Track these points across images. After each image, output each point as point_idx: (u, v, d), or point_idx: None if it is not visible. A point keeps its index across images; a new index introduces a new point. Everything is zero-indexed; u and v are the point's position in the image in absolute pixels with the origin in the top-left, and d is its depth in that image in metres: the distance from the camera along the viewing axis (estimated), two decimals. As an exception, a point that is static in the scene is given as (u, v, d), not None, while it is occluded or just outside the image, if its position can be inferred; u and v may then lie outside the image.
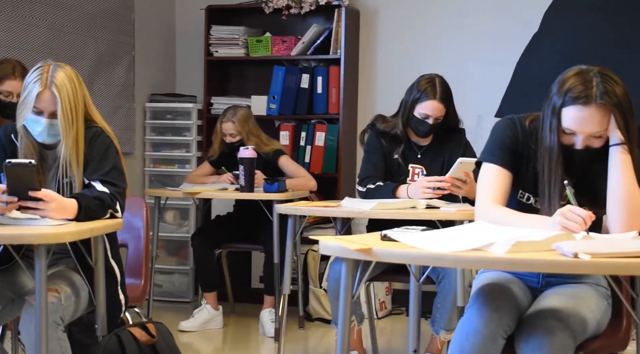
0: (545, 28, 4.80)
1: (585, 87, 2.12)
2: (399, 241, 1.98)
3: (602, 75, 2.13)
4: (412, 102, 3.42)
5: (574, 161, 2.19)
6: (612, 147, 2.16)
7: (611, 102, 2.11)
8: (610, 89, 2.11)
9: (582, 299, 2.18)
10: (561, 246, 1.80)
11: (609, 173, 2.16)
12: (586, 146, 2.17)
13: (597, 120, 2.12)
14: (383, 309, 4.76)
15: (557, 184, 2.17)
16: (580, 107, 2.12)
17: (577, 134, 2.16)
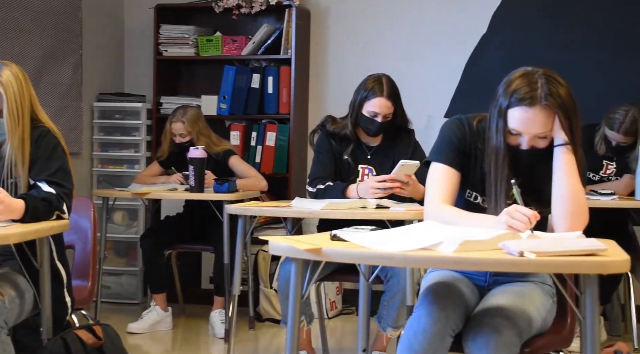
0: (494, 29, 4.87)
1: (531, 89, 2.15)
2: (348, 240, 1.99)
3: (546, 77, 2.17)
4: (360, 101, 3.45)
5: (520, 161, 2.23)
6: (556, 147, 2.19)
7: (555, 104, 2.14)
8: (555, 90, 2.15)
9: (528, 297, 2.21)
10: (507, 245, 1.83)
11: (553, 173, 2.19)
12: (531, 147, 2.20)
13: (541, 121, 2.15)
14: (333, 309, 4.77)
15: (504, 184, 2.20)
16: (526, 108, 2.15)
17: (522, 134, 2.19)
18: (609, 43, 4.70)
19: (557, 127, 2.17)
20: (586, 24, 4.73)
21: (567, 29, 4.77)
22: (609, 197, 3.83)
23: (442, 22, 4.96)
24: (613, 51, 4.69)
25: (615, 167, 4.19)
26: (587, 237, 1.98)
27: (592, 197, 3.83)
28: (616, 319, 4.33)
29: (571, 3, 4.77)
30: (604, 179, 4.20)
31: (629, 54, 4.67)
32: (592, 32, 4.73)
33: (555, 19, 4.79)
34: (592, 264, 1.73)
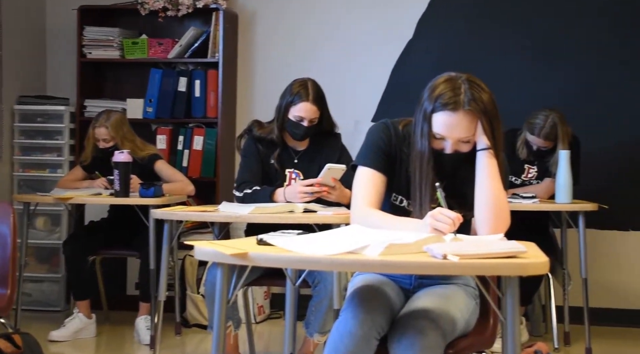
0: (420, 35, 4.94)
1: (454, 94, 2.19)
2: (275, 245, 1.99)
3: (470, 82, 2.21)
4: (286, 106, 3.46)
5: (444, 165, 2.26)
6: (478, 152, 2.24)
7: (478, 108, 2.18)
8: (478, 95, 2.19)
9: (451, 299, 2.24)
10: (431, 248, 1.85)
11: (476, 177, 2.23)
12: (455, 151, 2.24)
13: (465, 125, 2.19)
14: (261, 314, 4.76)
15: (428, 187, 2.23)
16: (449, 113, 2.18)
17: (446, 139, 2.23)
18: (529, 49, 4.82)
19: (480, 131, 2.21)
20: (508, 30, 4.85)
21: (490, 35, 4.87)
22: (530, 201, 3.92)
23: (369, 27, 5.00)
24: (534, 57, 4.82)
25: (537, 171, 4.29)
26: (509, 240, 2.02)
27: (514, 200, 3.92)
28: (537, 319, 4.43)
29: (493, 11, 4.88)
30: (525, 182, 4.30)
31: (549, 60, 4.80)
32: (513, 38, 4.84)
33: (478, 25, 4.89)
34: (512, 266, 1.76)
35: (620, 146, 4.72)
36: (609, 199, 4.23)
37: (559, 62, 4.79)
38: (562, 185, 3.92)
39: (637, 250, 4.70)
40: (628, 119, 4.71)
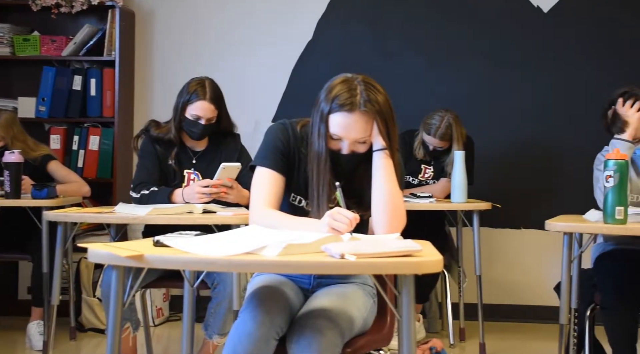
0: (319, 36, 4.97)
1: (350, 95, 2.21)
2: (172, 246, 1.96)
3: (365, 84, 2.24)
4: (183, 105, 3.41)
5: (341, 165, 2.28)
6: (375, 152, 2.27)
7: (374, 110, 2.21)
8: (373, 97, 2.22)
9: (349, 298, 2.27)
10: (329, 248, 1.86)
11: (372, 178, 2.26)
12: (352, 151, 2.26)
13: (361, 126, 2.22)
14: (160, 316, 4.69)
15: (326, 187, 2.25)
16: (346, 113, 2.21)
17: (343, 139, 2.25)
18: (425, 51, 4.93)
19: (376, 132, 2.24)
20: (405, 33, 4.94)
21: (388, 37, 4.95)
22: (426, 200, 3.99)
23: (269, 27, 5.00)
24: (430, 59, 4.92)
25: (433, 171, 4.38)
26: (406, 239, 2.06)
27: (411, 200, 3.99)
28: (434, 316, 4.53)
29: (390, 13, 4.96)
30: (422, 182, 4.38)
31: (444, 62, 4.92)
32: (410, 40, 4.93)
33: (376, 27, 4.96)
34: (407, 264, 1.79)
35: (512, 146, 4.88)
36: (502, 199, 4.36)
37: (454, 64, 4.91)
38: (457, 185, 4.01)
39: (529, 247, 4.87)
40: (519, 120, 4.87)
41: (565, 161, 4.79)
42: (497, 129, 4.87)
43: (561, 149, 4.81)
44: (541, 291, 4.73)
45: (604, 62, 4.77)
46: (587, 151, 3.44)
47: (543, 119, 4.84)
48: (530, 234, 4.85)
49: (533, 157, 4.86)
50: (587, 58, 4.80)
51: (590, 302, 3.11)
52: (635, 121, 3.15)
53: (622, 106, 3.19)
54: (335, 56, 4.92)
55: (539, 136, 4.85)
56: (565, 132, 4.79)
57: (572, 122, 4.77)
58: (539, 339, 4.44)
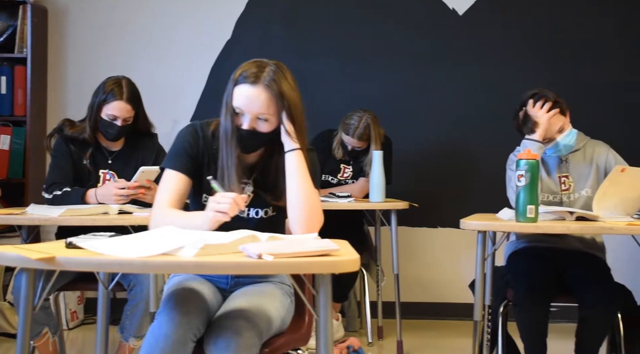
0: (238, 36, 4.95)
1: (258, 71, 2.24)
2: (85, 248, 1.92)
3: (277, 67, 2.26)
4: (99, 104, 3.34)
5: (244, 143, 2.27)
6: (287, 154, 2.27)
7: (278, 91, 2.22)
8: (279, 80, 2.23)
9: (267, 298, 2.26)
10: (247, 248, 1.86)
11: (287, 179, 2.27)
12: (252, 128, 2.25)
13: (261, 101, 2.22)
14: (75, 319, 4.58)
15: (234, 161, 2.27)
16: (249, 86, 2.23)
17: (244, 113, 2.25)
18: (344, 52, 4.96)
19: (284, 132, 2.26)
20: (324, 33, 4.96)
21: (307, 37, 4.97)
22: (345, 200, 4.02)
23: (188, 26, 4.95)
24: (348, 60, 4.96)
25: (352, 170, 4.42)
26: (325, 238, 2.06)
27: (330, 199, 4.02)
28: (353, 315, 4.57)
29: (309, 13, 4.98)
30: (341, 182, 4.41)
31: (363, 62, 4.97)
32: (329, 41, 4.96)
33: (295, 27, 4.97)
34: (324, 264, 1.80)
35: (429, 146, 4.96)
36: (419, 198, 4.43)
37: (373, 64, 4.96)
38: (375, 184, 4.05)
39: (445, 246, 4.96)
40: (436, 121, 4.95)
41: (480, 161, 4.89)
42: (414, 129, 4.94)
43: (477, 149, 4.91)
44: (457, 289, 4.82)
45: (518, 63, 4.89)
46: (501, 151, 3.52)
47: (459, 120, 4.94)
48: (446, 233, 4.94)
49: (449, 157, 4.96)
50: (500, 60, 4.92)
51: (503, 298, 3.19)
52: (545, 122, 3.24)
53: (532, 107, 3.28)
54: (254, 56, 4.79)
55: (456, 136, 4.95)
56: (480, 132, 4.90)
57: (486, 123, 4.88)
58: (455, 335, 4.52)
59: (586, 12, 4.87)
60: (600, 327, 3.04)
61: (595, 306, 3.00)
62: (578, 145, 3.33)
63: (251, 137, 2.26)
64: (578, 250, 3.27)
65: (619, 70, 4.84)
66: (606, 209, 3.00)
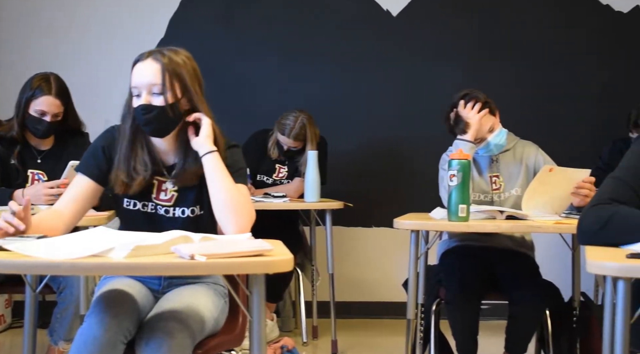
0: (171, 34, 4.90)
1: (150, 51, 2.28)
2: (12, 250, 1.87)
3: (175, 48, 2.30)
4: (27, 101, 3.27)
5: (146, 123, 2.25)
6: (203, 158, 2.26)
7: (168, 61, 2.23)
8: (170, 53, 2.26)
9: (200, 299, 2.25)
10: (179, 249, 1.84)
11: (207, 182, 2.25)
12: (148, 102, 2.23)
13: (150, 71, 2.23)
14: (2, 323, 4.47)
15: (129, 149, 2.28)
16: (140, 63, 2.26)
17: (140, 91, 2.24)
18: (281, 52, 4.96)
19: (193, 136, 2.25)
20: (261, 32, 4.95)
21: (242, 37, 4.94)
22: (280, 200, 4.02)
23: (120, 24, 4.88)
24: (285, 60, 4.96)
25: (287, 170, 4.41)
26: (258, 238, 2.06)
27: (265, 200, 4.01)
28: (288, 315, 4.57)
29: (243, 12, 4.96)
30: (276, 182, 4.41)
31: (299, 62, 4.97)
32: (265, 40, 4.95)
33: (230, 27, 4.95)
34: (258, 264, 1.79)
35: (364, 146, 4.99)
36: (354, 198, 4.45)
37: (309, 64, 4.97)
38: (310, 184, 4.05)
39: (379, 245, 4.99)
40: (372, 121, 4.99)
41: (413, 161, 4.94)
42: (350, 129, 4.97)
43: (410, 149, 4.96)
44: (391, 288, 4.86)
45: (451, 64, 4.96)
46: (434, 151, 3.56)
47: (393, 120, 4.98)
48: (381, 232, 4.97)
49: (384, 158, 4.99)
50: (433, 60, 4.98)
51: (435, 297, 3.23)
52: (476, 122, 3.30)
53: (463, 108, 3.33)
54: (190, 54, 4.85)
55: (390, 136, 4.99)
56: (414, 132, 4.95)
57: (420, 123, 4.93)
58: (389, 334, 4.56)
59: (518, 13, 4.97)
60: (529, 324, 3.11)
61: (524, 304, 3.07)
62: (508, 145, 3.39)
63: (146, 111, 2.22)
64: (508, 249, 3.34)
65: (549, 70, 4.95)
66: (535, 208, 3.07)
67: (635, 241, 1.92)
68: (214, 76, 4.52)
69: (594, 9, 4.94)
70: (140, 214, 2.30)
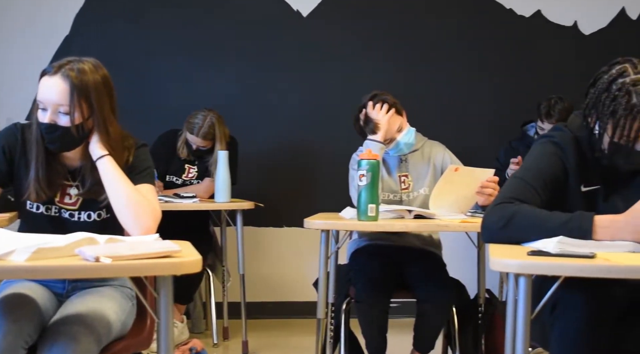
0: (77, 32, 4.79)
1: (63, 64, 2.19)
2: None
3: (85, 61, 2.22)
4: None
5: (49, 140, 2.21)
6: (97, 162, 2.23)
7: (77, 81, 2.16)
8: (81, 70, 2.18)
9: (106, 302, 2.20)
10: (83, 251, 1.80)
11: (105, 187, 2.22)
12: (52, 121, 2.18)
13: (59, 90, 2.17)
14: None
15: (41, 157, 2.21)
16: (47, 77, 2.19)
17: (46, 106, 2.19)
18: (190, 51, 4.91)
19: (92, 141, 2.21)
20: (169, 32, 4.89)
21: (151, 36, 4.87)
22: (190, 200, 3.97)
23: (24, 21, 4.74)
24: (194, 59, 4.91)
25: (197, 170, 4.37)
26: (167, 240, 2.03)
27: (175, 200, 3.95)
28: (198, 317, 4.52)
29: (154, 11, 4.89)
30: (186, 182, 4.35)
31: (209, 62, 4.93)
32: (174, 40, 4.89)
33: (138, 25, 4.87)
34: (165, 265, 1.77)
35: (274, 147, 4.99)
36: (265, 198, 4.45)
37: (219, 64, 4.94)
38: (220, 185, 4.02)
39: (291, 245, 5.00)
40: (283, 121, 4.99)
41: (324, 160, 4.97)
42: (260, 129, 4.96)
43: (321, 149, 4.99)
44: (302, 287, 4.88)
45: (360, 65, 5.01)
46: (345, 151, 3.59)
47: (304, 120, 5.00)
48: (292, 232, 4.98)
49: (295, 157, 5.01)
50: (343, 61, 5.01)
51: (346, 296, 3.26)
52: (385, 123, 3.34)
53: (372, 109, 3.37)
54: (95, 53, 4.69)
55: (301, 136, 5.00)
56: (325, 132, 4.98)
57: (330, 123, 4.97)
58: (300, 334, 4.57)
59: (424, 16, 5.06)
60: (436, 321, 3.17)
61: (432, 301, 3.13)
62: (417, 145, 3.45)
63: (50, 131, 2.18)
64: (416, 247, 3.39)
65: (455, 72, 5.05)
66: (442, 207, 3.13)
67: (535, 238, 1.98)
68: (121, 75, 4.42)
69: (498, 13, 5.08)
70: (44, 217, 2.25)
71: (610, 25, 5.10)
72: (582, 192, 2.15)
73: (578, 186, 2.16)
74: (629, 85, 2.01)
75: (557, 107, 4.33)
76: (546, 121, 4.34)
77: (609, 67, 2.09)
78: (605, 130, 2.06)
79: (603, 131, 2.07)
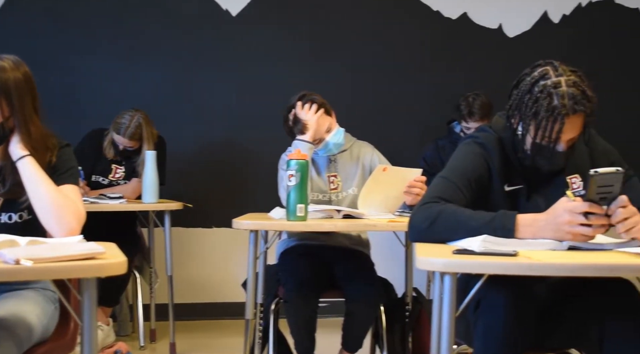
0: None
1: None
2: None
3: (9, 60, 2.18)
4: None
5: None
6: (17, 162, 2.18)
7: None
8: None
9: (27, 305, 2.15)
10: (3, 254, 1.75)
11: (26, 188, 2.18)
12: None
13: None
14: None
15: None
16: None
17: None
18: (118, 50, 4.83)
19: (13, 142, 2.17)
20: (95, 30, 4.81)
21: (76, 34, 4.78)
22: (117, 201, 3.91)
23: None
24: (121, 58, 4.83)
25: (124, 171, 4.30)
26: (93, 241, 1.99)
27: (101, 201, 3.89)
28: (125, 319, 4.45)
29: (78, 9, 4.80)
30: (113, 182, 4.28)
31: (137, 61, 4.86)
32: (101, 38, 4.81)
33: (62, 24, 4.77)
34: (88, 267, 1.74)
35: (203, 147, 4.95)
36: (194, 198, 4.41)
37: (147, 63, 4.87)
38: (148, 185, 3.97)
39: (220, 246, 4.97)
40: (212, 121, 4.96)
41: (253, 161, 4.96)
42: (189, 129, 4.91)
43: (250, 149, 4.97)
44: (230, 288, 4.85)
45: (289, 65, 5.01)
46: (274, 152, 3.59)
47: (233, 120, 4.98)
48: (221, 233, 4.96)
49: (224, 158, 4.98)
50: (272, 62, 5.01)
51: (275, 296, 3.25)
52: (314, 123, 3.35)
53: (301, 109, 3.38)
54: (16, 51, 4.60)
55: (229, 136, 4.98)
56: (254, 133, 4.96)
57: (259, 123, 4.95)
58: (229, 335, 4.55)
59: (352, 18, 5.09)
60: (364, 320, 3.19)
61: (360, 300, 3.15)
62: (346, 145, 3.47)
63: None
64: (345, 247, 3.41)
65: (383, 73, 5.10)
66: (370, 206, 3.15)
67: (460, 237, 2.02)
68: (44, 73, 4.32)
69: (426, 15, 5.15)
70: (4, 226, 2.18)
71: (533, 29, 5.22)
72: (505, 192, 2.20)
73: (502, 186, 2.20)
74: (550, 87, 2.06)
75: (476, 104, 4.39)
76: (470, 120, 4.41)
77: (531, 69, 2.15)
78: (527, 131, 2.11)
79: (526, 132, 2.12)
